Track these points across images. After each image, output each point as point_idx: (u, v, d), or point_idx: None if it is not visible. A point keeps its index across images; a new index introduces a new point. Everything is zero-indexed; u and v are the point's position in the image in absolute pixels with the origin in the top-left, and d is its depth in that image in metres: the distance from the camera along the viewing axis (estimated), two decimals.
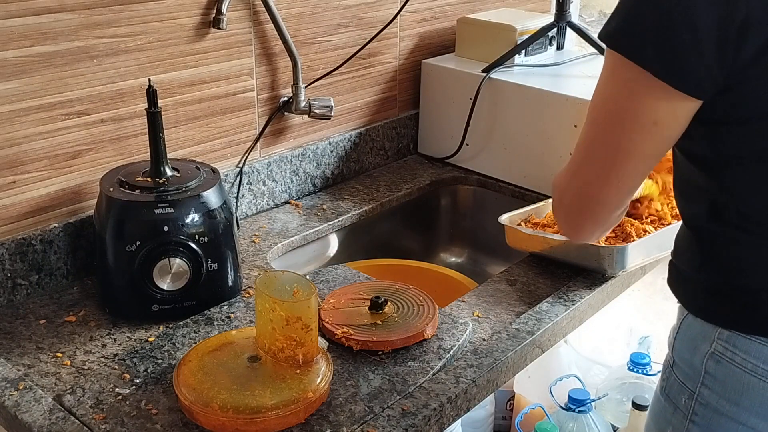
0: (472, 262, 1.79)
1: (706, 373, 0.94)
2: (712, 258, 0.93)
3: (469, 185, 1.74)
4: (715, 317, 0.93)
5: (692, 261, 0.96)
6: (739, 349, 0.90)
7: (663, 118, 0.84)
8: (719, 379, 0.93)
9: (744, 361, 0.90)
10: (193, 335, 1.11)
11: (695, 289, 0.96)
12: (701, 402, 0.95)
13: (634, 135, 0.86)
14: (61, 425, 0.94)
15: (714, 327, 0.93)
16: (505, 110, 1.63)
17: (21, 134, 1.17)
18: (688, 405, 0.96)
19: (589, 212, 0.96)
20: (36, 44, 1.15)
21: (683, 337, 0.98)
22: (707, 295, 0.94)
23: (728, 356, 0.91)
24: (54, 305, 1.20)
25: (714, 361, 0.93)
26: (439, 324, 1.14)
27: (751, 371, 0.90)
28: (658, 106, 0.83)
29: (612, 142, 0.88)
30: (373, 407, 0.97)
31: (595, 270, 1.30)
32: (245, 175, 1.49)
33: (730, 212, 0.89)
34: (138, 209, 1.12)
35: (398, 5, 1.67)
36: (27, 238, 1.20)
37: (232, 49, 1.41)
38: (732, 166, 0.87)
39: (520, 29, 1.67)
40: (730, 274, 0.92)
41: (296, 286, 0.98)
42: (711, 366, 0.93)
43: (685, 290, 0.98)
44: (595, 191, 0.93)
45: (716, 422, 0.94)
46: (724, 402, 0.93)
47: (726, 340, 0.91)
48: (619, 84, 0.86)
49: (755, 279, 0.89)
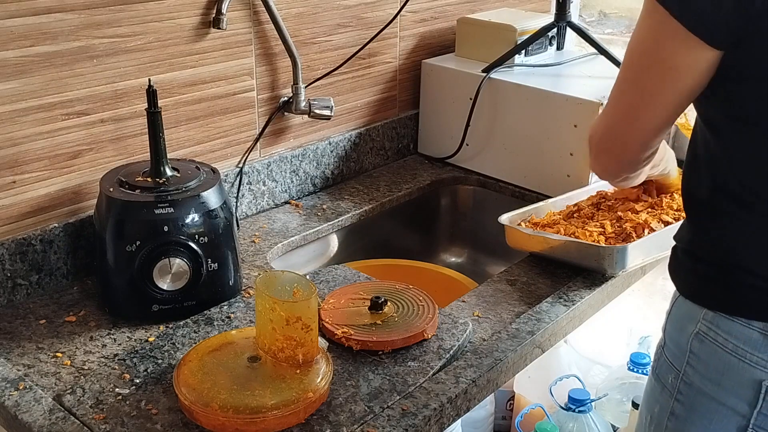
0: (472, 262, 1.79)
1: (691, 353, 0.96)
2: (705, 233, 0.96)
3: (469, 185, 1.74)
4: (701, 298, 0.96)
5: (686, 237, 0.99)
6: (722, 330, 0.93)
7: (681, 65, 0.87)
8: (703, 359, 0.95)
9: (726, 341, 0.92)
10: (193, 335, 1.11)
11: (686, 270, 0.99)
12: (686, 381, 0.97)
13: (656, 78, 0.89)
14: (61, 425, 0.94)
15: (700, 308, 0.95)
16: (505, 110, 1.63)
17: (21, 134, 1.17)
18: (674, 384, 0.99)
19: (613, 151, 1.01)
20: (36, 44, 1.15)
21: (673, 318, 1.01)
22: (695, 276, 0.97)
23: (711, 336, 0.94)
24: (54, 305, 1.20)
25: (698, 340, 0.95)
26: (439, 324, 1.14)
27: (732, 351, 0.92)
28: (678, 51, 0.86)
29: (637, 84, 0.92)
30: (373, 407, 0.97)
31: (595, 270, 1.30)
32: (245, 175, 1.49)
33: (732, 184, 0.91)
34: (138, 209, 1.12)
35: (398, 5, 1.67)
36: (27, 238, 1.20)
37: (232, 49, 1.41)
38: (739, 131, 0.89)
39: (520, 29, 1.67)
40: (720, 251, 0.94)
41: (296, 286, 0.98)
42: (695, 346, 0.96)
43: (677, 272, 1.01)
44: (619, 131, 0.98)
45: (699, 402, 0.96)
46: (706, 382, 0.95)
47: (710, 320, 0.94)
48: (648, 27, 0.89)
49: (743, 257, 0.91)
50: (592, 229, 1.33)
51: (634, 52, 0.92)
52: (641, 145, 0.98)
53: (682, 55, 0.86)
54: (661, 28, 0.86)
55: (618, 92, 0.96)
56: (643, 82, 0.91)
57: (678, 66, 0.87)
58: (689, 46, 0.85)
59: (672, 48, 0.86)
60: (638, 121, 0.95)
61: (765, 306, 0.90)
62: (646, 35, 0.90)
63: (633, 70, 0.93)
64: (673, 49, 0.86)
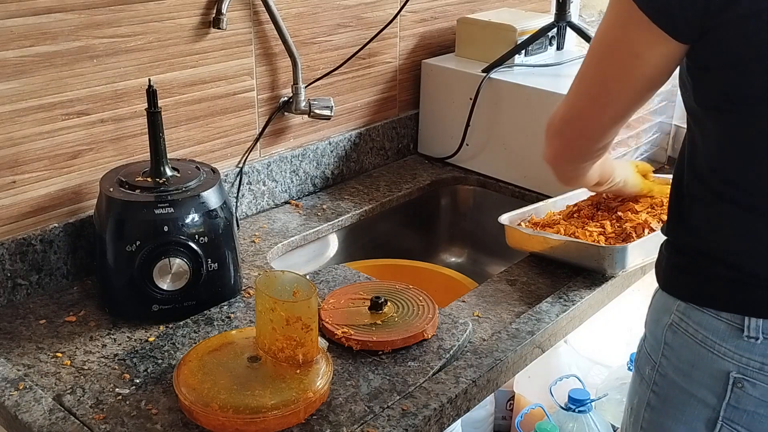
0: (472, 262, 1.79)
1: (665, 344, 0.97)
2: (682, 223, 0.97)
3: (469, 185, 1.74)
4: (675, 289, 0.97)
5: (667, 229, 1.00)
6: (693, 321, 0.94)
7: (644, 53, 0.88)
8: (675, 350, 0.96)
9: (696, 332, 0.93)
10: (193, 335, 1.11)
11: (664, 263, 0.99)
12: (661, 372, 0.98)
13: (618, 64, 0.91)
14: (61, 425, 0.94)
15: (674, 299, 0.96)
16: (505, 110, 1.63)
17: (21, 134, 1.17)
18: (651, 375, 1.00)
19: (567, 136, 1.01)
20: (36, 44, 1.15)
21: (652, 310, 1.02)
22: (671, 267, 0.98)
23: (683, 327, 0.95)
24: (54, 305, 1.20)
25: (672, 332, 0.96)
26: (439, 324, 1.14)
27: (702, 342, 0.93)
28: (641, 39, 0.87)
29: (600, 69, 0.94)
30: (373, 407, 0.97)
31: (595, 270, 1.30)
32: (245, 175, 1.49)
33: (706, 173, 0.92)
34: (138, 209, 1.11)
35: (398, 5, 1.67)
36: (27, 238, 1.20)
37: (232, 49, 1.41)
38: (709, 119, 0.90)
39: (520, 29, 1.67)
40: (694, 242, 0.95)
41: (296, 286, 0.98)
42: (669, 336, 0.97)
43: (658, 264, 1.02)
44: (576, 116, 0.98)
45: (672, 393, 0.97)
46: (679, 373, 0.96)
47: (682, 311, 0.95)
48: (615, 15, 0.90)
49: (715, 247, 0.92)
50: (592, 229, 1.33)
51: (599, 39, 0.94)
52: (596, 133, 0.99)
53: (645, 44, 0.87)
54: (627, 17, 0.88)
55: (580, 77, 0.97)
56: (605, 68, 0.93)
57: (640, 53, 0.88)
58: (653, 37, 0.86)
59: (636, 37, 0.88)
60: (597, 107, 0.95)
61: (733, 297, 0.90)
62: (613, 22, 0.91)
63: (597, 56, 0.94)
64: (636, 38, 0.88)
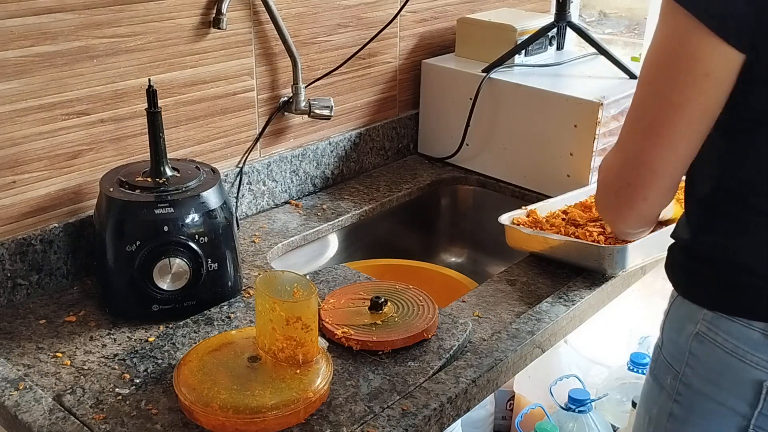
0: (472, 262, 1.79)
1: (690, 354, 0.96)
2: (707, 232, 0.94)
3: (469, 185, 1.74)
4: (700, 298, 0.95)
5: (686, 236, 0.97)
6: (722, 330, 0.92)
7: (714, 70, 0.82)
8: (702, 359, 0.95)
9: (725, 341, 0.92)
10: (193, 335, 1.11)
11: (685, 270, 0.98)
12: (685, 382, 0.97)
13: (686, 88, 0.83)
14: (61, 425, 0.94)
15: (699, 308, 0.95)
16: (505, 110, 1.63)
17: (21, 134, 1.17)
18: (673, 385, 0.98)
19: (637, 186, 0.91)
20: (36, 44, 1.15)
21: (672, 318, 1.00)
22: (695, 276, 0.96)
23: (711, 336, 0.93)
24: (54, 305, 1.20)
25: (698, 341, 0.95)
26: (439, 324, 1.14)
27: (732, 352, 0.91)
28: (710, 55, 0.81)
29: (663, 97, 0.86)
30: (373, 407, 0.97)
31: (595, 270, 1.30)
32: (245, 175, 1.49)
33: (737, 184, 0.90)
34: (138, 209, 1.12)
35: (398, 5, 1.67)
36: (27, 238, 1.20)
37: (232, 49, 1.41)
38: (750, 132, 0.87)
39: (520, 29, 1.67)
40: (721, 251, 0.93)
41: (296, 286, 0.98)
42: (695, 346, 0.95)
43: (675, 272, 1.00)
44: (645, 156, 0.89)
45: (698, 402, 0.96)
46: (705, 382, 0.95)
47: (710, 320, 0.93)
48: (670, 34, 0.84)
49: (745, 257, 0.91)
50: (592, 229, 1.33)
51: (653, 64, 0.86)
52: (672, 170, 0.90)
53: (714, 60, 0.81)
54: (687, 33, 0.82)
55: (636, 114, 0.89)
56: (668, 94, 0.85)
57: (711, 71, 0.82)
58: (719, 48, 0.80)
59: (703, 52, 0.81)
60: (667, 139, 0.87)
61: (766, 306, 0.89)
62: (668, 42, 0.84)
63: (654, 84, 0.87)
64: (704, 54, 0.81)
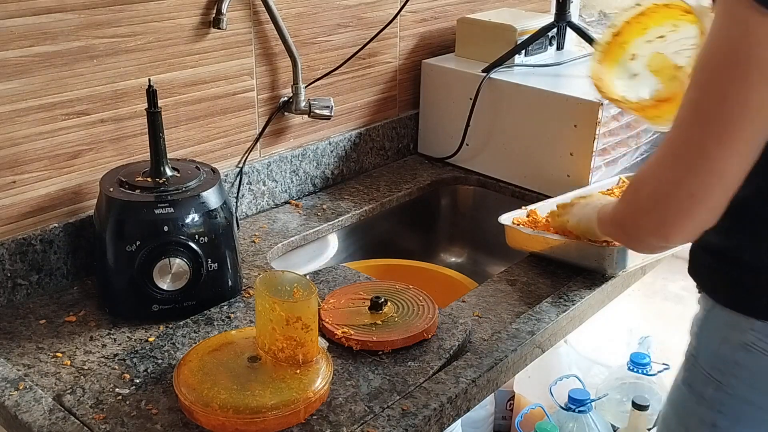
0: (472, 262, 1.79)
1: (736, 364, 0.93)
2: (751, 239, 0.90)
3: (469, 185, 1.74)
4: (748, 308, 0.92)
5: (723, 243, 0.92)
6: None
7: None
8: (750, 369, 0.92)
9: None
10: (193, 335, 1.11)
11: (726, 278, 0.94)
12: (729, 393, 0.94)
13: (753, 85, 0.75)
14: (61, 425, 0.94)
15: (746, 317, 0.92)
16: (505, 110, 1.63)
17: (21, 134, 1.17)
18: (715, 396, 0.96)
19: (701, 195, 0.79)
20: (36, 44, 1.15)
21: (710, 328, 0.97)
22: (740, 285, 0.93)
23: (760, 347, 0.91)
24: (54, 305, 1.20)
25: (746, 351, 0.92)
26: (439, 324, 1.14)
27: None
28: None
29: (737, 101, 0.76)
30: (373, 407, 0.97)
31: (595, 270, 1.30)
32: (245, 175, 1.49)
33: None
34: (138, 209, 1.12)
35: (398, 5, 1.67)
36: (27, 238, 1.20)
37: (232, 49, 1.41)
38: None
39: (520, 29, 1.67)
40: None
41: (296, 286, 0.98)
42: (742, 356, 0.92)
43: (712, 280, 0.96)
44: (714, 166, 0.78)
45: (744, 412, 0.94)
46: (754, 392, 0.93)
47: (759, 330, 0.91)
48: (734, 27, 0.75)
49: None
50: None
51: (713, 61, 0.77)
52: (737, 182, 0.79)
53: None
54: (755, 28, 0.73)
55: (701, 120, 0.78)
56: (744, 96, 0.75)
57: None
58: None
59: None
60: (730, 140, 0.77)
61: None
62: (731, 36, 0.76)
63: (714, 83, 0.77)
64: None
